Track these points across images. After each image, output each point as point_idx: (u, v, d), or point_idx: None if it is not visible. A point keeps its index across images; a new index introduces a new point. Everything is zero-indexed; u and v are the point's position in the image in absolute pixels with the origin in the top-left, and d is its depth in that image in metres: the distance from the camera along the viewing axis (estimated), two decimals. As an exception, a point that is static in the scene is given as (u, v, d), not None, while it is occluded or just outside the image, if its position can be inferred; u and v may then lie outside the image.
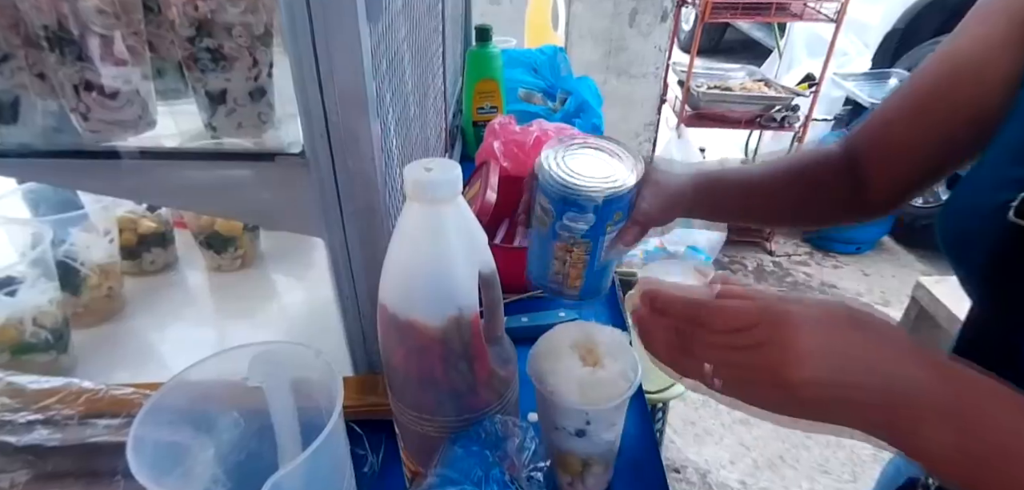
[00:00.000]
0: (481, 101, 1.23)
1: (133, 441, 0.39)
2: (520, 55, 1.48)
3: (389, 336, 0.45)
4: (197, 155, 0.56)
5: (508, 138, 1.02)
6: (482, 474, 0.42)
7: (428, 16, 0.90)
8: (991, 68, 0.53)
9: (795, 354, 0.37)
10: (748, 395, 0.41)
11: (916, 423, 0.36)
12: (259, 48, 0.54)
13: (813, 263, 2.90)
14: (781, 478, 1.88)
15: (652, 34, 2.55)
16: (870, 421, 0.38)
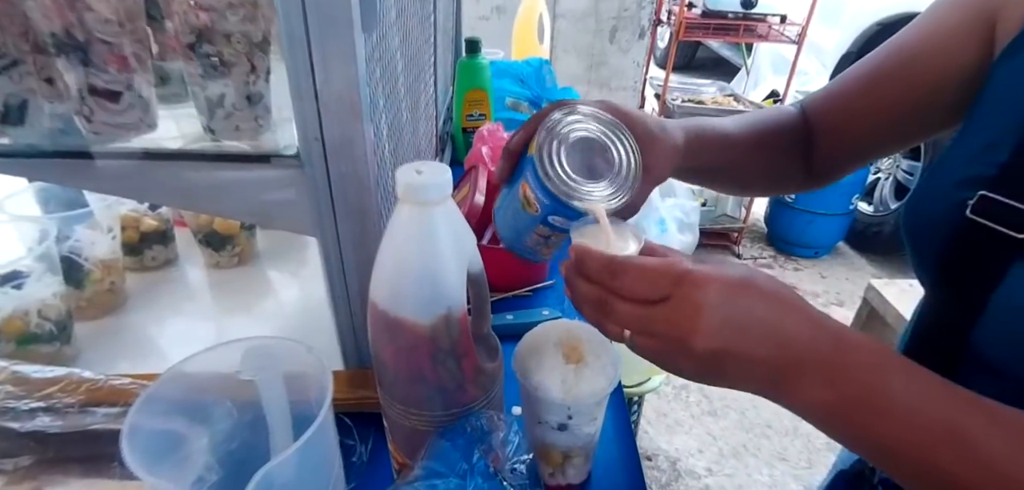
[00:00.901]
0: (470, 109, 1.22)
1: (128, 430, 0.38)
2: (508, 66, 1.47)
3: (379, 333, 0.43)
4: (195, 156, 0.54)
5: (496, 144, 1.01)
6: (467, 467, 0.40)
7: (420, 28, 0.89)
8: (944, 56, 0.53)
9: (702, 327, 0.37)
10: (660, 361, 0.40)
11: (799, 378, 0.37)
12: (257, 55, 0.53)
13: (776, 266, 2.92)
14: (744, 465, 1.89)
15: (631, 50, 2.55)
16: (761, 380, 0.38)
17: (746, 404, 2.09)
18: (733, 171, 0.67)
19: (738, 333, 0.37)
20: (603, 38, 2.52)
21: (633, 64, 2.60)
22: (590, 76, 2.60)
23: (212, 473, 0.46)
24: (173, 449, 0.43)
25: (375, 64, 0.55)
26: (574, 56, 2.55)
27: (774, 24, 2.63)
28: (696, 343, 0.37)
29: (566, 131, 0.48)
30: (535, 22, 1.58)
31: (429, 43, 0.97)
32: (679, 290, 0.37)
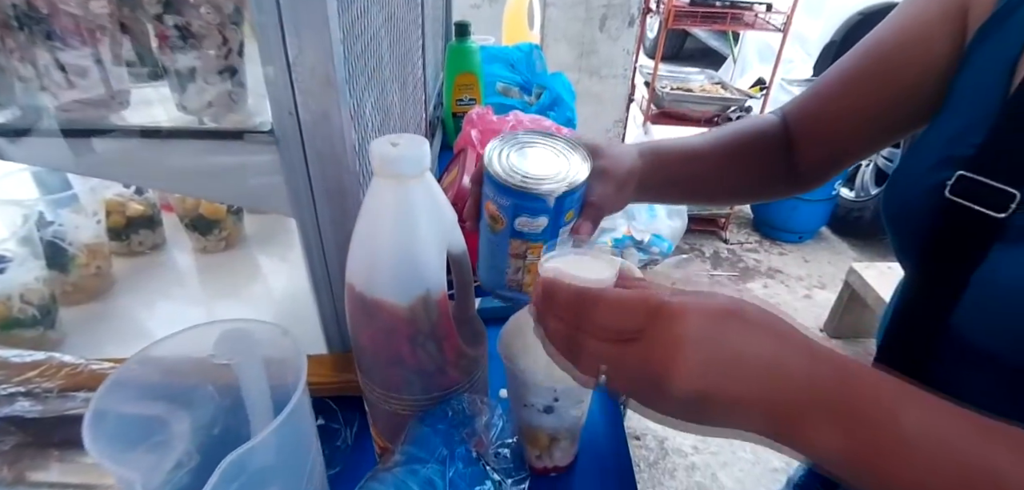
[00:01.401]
0: (460, 93, 1.18)
1: (92, 416, 0.35)
2: (498, 51, 1.43)
3: (356, 316, 0.41)
4: (166, 133, 0.50)
5: (485, 127, 0.98)
6: (447, 453, 0.38)
7: (407, 7, 0.85)
8: (922, 49, 0.52)
9: (682, 366, 0.32)
10: (639, 404, 0.35)
11: (802, 421, 0.32)
12: (229, 27, 0.49)
13: (762, 250, 2.91)
14: (729, 443, 1.87)
15: (620, 38, 2.52)
16: (757, 423, 0.33)
17: (732, 384, 2.08)
18: (703, 182, 0.65)
19: (725, 372, 0.32)
20: (593, 26, 2.47)
21: (623, 52, 2.56)
22: (580, 64, 2.57)
23: (192, 459, 0.43)
24: (149, 434, 0.41)
25: (355, 39, 0.52)
26: (565, 44, 2.51)
27: (760, 13, 2.60)
28: (675, 384, 0.32)
29: (513, 141, 0.52)
30: (525, 9, 1.55)
31: (417, 24, 0.94)
32: (654, 325, 0.33)
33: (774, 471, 1.77)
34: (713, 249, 2.90)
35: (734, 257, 2.84)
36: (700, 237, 2.97)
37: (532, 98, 1.38)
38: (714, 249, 2.90)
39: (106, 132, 0.50)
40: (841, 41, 3.49)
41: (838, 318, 2.31)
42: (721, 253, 2.86)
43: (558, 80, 1.36)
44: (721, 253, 2.86)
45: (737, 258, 2.83)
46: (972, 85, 0.48)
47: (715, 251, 2.88)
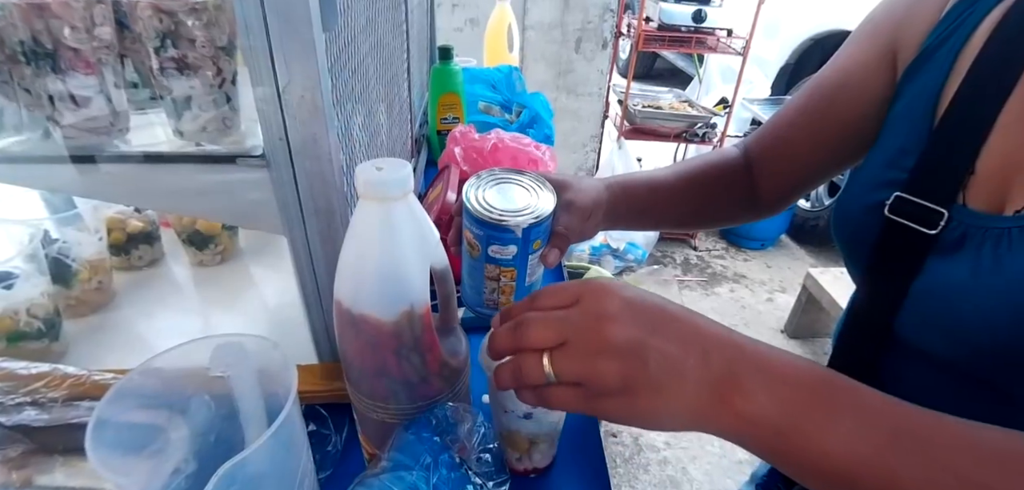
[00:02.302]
0: (444, 112, 1.18)
1: (94, 425, 0.35)
2: (480, 73, 1.43)
3: (344, 330, 0.40)
4: (163, 158, 0.50)
5: (468, 144, 0.98)
6: (431, 460, 0.38)
7: (393, 35, 0.85)
8: (861, 87, 0.54)
9: (616, 315, 0.33)
10: (584, 376, 0.34)
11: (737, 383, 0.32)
12: (222, 58, 0.49)
13: (728, 257, 2.94)
14: (698, 438, 1.89)
15: (595, 59, 2.54)
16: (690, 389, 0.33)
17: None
18: (668, 210, 0.66)
19: (653, 325, 0.33)
20: (569, 48, 2.49)
21: (597, 72, 2.58)
22: (558, 83, 2.58)
23: (189, 465, 0.43)
24: (149, 441, 0.40)
25: (342, 66, 0.52)
26: (543, 64, 2.52)
27: (722, 37, 2.64)
28: (614, 333, 0.33)
29: (489, 178, 0.56)
30: (505, 32, 1.55)
31: (403, 50, 0.94)
32: (587, 293, 0.35)
33: (739, 463, 1.79)
34: (684, 256, 2.92)
35: (703, 263, 2.87)
36: (672, 245, 2.99)
37: (512, 116, 1.38)
38: (685, 256, 2.92)
39: (110, 157, 0.49)
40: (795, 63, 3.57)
41: (797, 319, 2.35)
42: (691, 259, 2.89)
43: (537, 99, 1.37)
44: (691, 259, 2.89)
45: (705, 264, 2.86)
46: (904, 116, 0.50)
47: (685, 258, 2.91)
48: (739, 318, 2.47)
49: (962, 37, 0.46)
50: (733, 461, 1.81)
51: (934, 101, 0.47)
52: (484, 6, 2.34)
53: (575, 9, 2.42)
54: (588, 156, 2.82)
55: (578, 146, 2.78)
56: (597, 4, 2.42)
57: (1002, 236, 0.41)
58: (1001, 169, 0.43)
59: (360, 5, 0.59)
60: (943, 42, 0.47)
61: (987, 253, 0.41)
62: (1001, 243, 0.41)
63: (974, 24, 0.46)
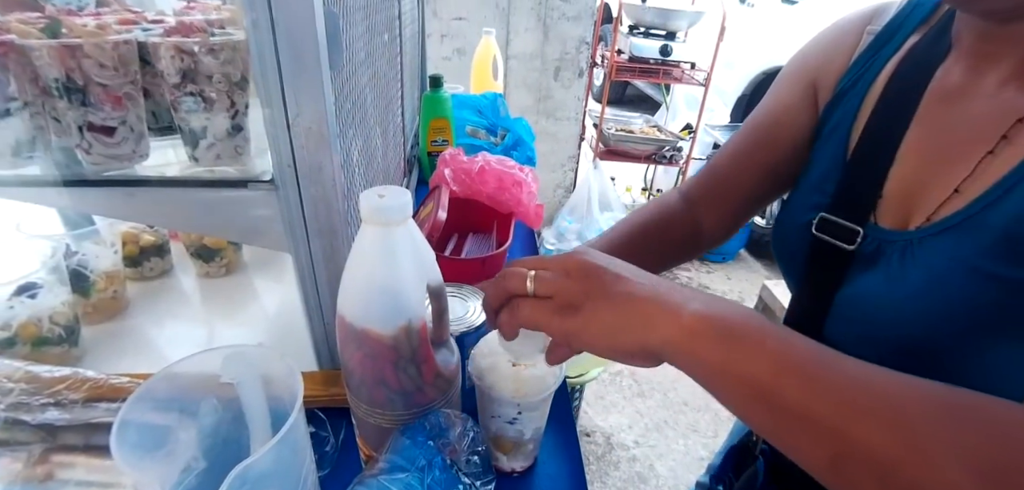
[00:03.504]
0: (434, 135, 1.19)
1: (118, 426, 0.35)
2: (467, 99, 1.44)
3: (346, 342, 0.41)
4: (180, 182, 0.51)
5: (457, 166, 0.99)
6: (425, 462, 0.38)
7: (389, 67, 0.86)
8: (788, 126, 0.58)
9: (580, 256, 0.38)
10: (551, 283, 0.37)
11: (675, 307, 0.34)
12: (236, 92, 0.50)
13: (693, 268, 2.98)
14: (664, 437, 1.91)
15: (572, 87, 2.57)
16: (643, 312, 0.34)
17: (668, 385, 2.12)
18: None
19: (612, 262, 0.37)
20: (549, 76, 2.52)
21: (574, 98, 2.62)
22: (538, 108, 2.61)
23: (198, 463, 0.43)
24: (161, 442, 0.41)
25: (345, 98, 0.52)
26: (525, 91, 2.55)
27: (686, 69, 2.70)
28: (581, 261, 0.37)
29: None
30: (490, 62, 1.57)
31: (397, 80, 0.94)
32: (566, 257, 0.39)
33: (701, 460, 1.81)
34: (651, 267, 2.96)
35: (671, 275, 2.90)
36: (640, 257, 3.02)
37: (497, 139, 1.39)
38: (652, 267, 2.96)
39: (132, 181, 0.50)
40: (751, 93, 3.74)
41: (755, 327, 2.38)
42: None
43: (520, 124, 1.38)
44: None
45: (672, 275, 2.90)
46: (824, 148, 0.53)
47: (653, 269, 2.94)
48: (702, 325, 2.51)
49: (868, 80, 0.50)
50: (695, 458, 1.83)
51: (847, 134, 0.51)
52: (471, 37, 2.36)
53: (554, 41, 2.45)
54: (566, 175, 2.85)
55: (557, 166, 2.81)
56: (573, 37, 2.45)
57: (906, 248, 0.44)
58: (903, 191, 0.46)
59: (360, 42, 0.60)
60: (854, 84, 0.51)
61: (895, 264, 0.45)
62: (906, 254, 0.44)
63: (878, 69, 0.50)
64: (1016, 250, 0.38)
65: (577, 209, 2.64)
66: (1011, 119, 0.40)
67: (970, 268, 0.40)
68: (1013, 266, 0.38)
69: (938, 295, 0.41)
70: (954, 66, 0.46)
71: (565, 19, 2.41)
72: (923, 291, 0.42)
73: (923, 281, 0.43)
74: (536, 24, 2.42)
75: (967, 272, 0.40)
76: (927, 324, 0.42)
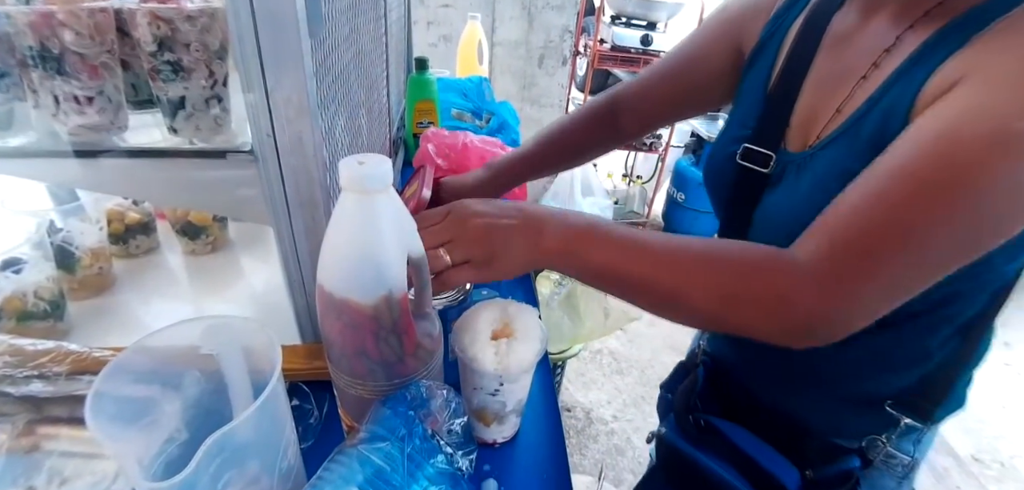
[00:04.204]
0: (420, 117, 1.16)
1: (93, 397, 0.34)
2: (453, 83, 1.42)
3: (326, 313, 0.39)
4: (159, 153, 0.48)
5: (441, 142, 0.97)
6: (406, 432, 0.37)
7: (374, 46, 0.83)
8: (708, 63, 0.65)
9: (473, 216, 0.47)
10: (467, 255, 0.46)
11: (541, 234, 0.46)
12: (215, 61, 0.48)
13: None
14: (641, 412, 1.93)
15: (556, 74, 2.55)
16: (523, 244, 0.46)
17: (645, 363, 2.14)
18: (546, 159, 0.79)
19: (499, 213, 0.47)
20: (533, 64, 2.49)
21: (558, 86, 2.59)
22: (523, 94, 2.58)
23: (181, 434, 0.42)
24: (143, 413, 0.40)
25: (326, 71, 0.50)
26: (510, 77, 2.52)
27: (667, 58, 2.69)
28: (476, 224, 0.46)
29: None
30: (475, 46, 1.54)
31: (382, 59, 0.92)
32: (454, 208, 0.48)
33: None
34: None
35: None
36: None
37: (482, 122, 1.37)
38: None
39: (110, 153, 0.48)
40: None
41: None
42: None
43: (505, 108, 1.36)
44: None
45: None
46: (748, 90, 0.60)
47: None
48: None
49: (784, 29, 0.57)
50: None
51: (767, 76, 0.57)
52: (457, 24, 2.32)
53: (538, 30, 2.42)
54: (549, 161, 2.82)
55: (540, 152, 2.78)
56: (557, 26, 2.43)
57: (802, 164, 0.51)
58: (804, 119, 0.53)
59: (343, 17, 0.57)
60: (772, 35, 0.58)
61: (792, 179, 0.52)
62: (801, 170, 0.51)
63: (793, 19, 0.57)
64: (882, 149, 0.42)
65: (560, 194, 2.63)
66: (880, 50, 0.47)
67: (845, 170, 0.44)
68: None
69: (821, 198, 0.44)
70: (849, 11, 0.53)
71: (549, 8, 2.38)
72: (809, 197, 0.48)
73: (809, 188, 0.49)
74: (521, 13, 2.38)
75: (843, 173, 0.44)
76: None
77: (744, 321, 0.42)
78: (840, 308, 0.40)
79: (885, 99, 0.45)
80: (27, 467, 0.45)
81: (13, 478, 0.45)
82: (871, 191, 0.40)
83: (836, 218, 0.41)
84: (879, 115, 0.45)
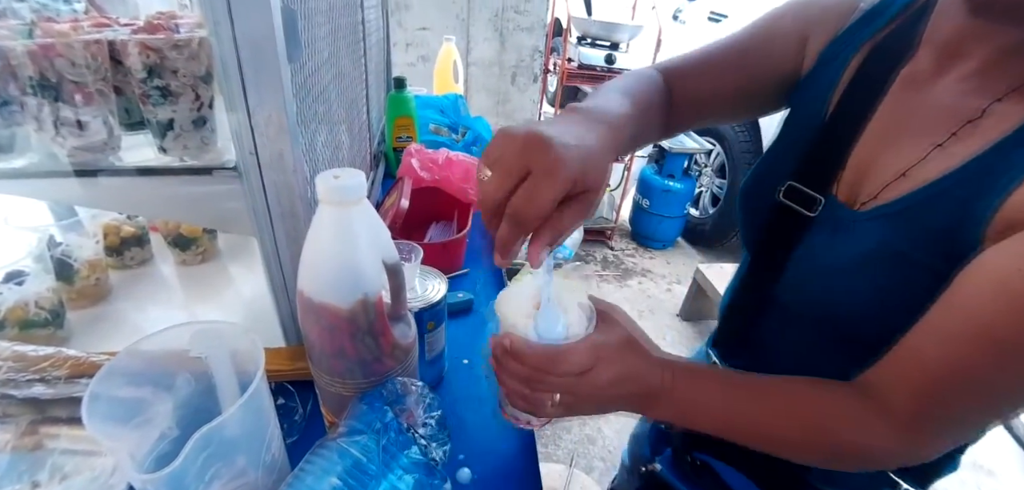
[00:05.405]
0: (400, 132, 1.17)
1: (88, 399, 0.35)
2: (430, 99, 1.43)
3: (306, 316, 0.40)
4: (150, 171, 0.49)
5: (424, 157, 0.98)
6: (381, 425, 0.38)
7: (353, 68, 0.84)
8: (769, 59, 0.54)
9: (607, 386, 0.42)
10: (575, 410, 0.44)
11: (654, 405, 0.44)
12: (201, 86, 0.49)
13: (637, 255, 3.04)
14: (614, 402, 1.95)
15: (528, 91, 2.58)
16: (633, 405, 0.45)
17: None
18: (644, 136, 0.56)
19: (622, 384, 0.42)
20: (506, 81, 2.52)
21: (530, 102, 2.63)
22: (498, 109, 2.60)
23: (172, 432, 0.42)
24: (137, 413, 0.40)
25: (307, 92, 0.51)
26: (485, 94, 2.54)
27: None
28: (603, 394, 0.42)
29: None
30: (451, 66, 1.55)
31: (361, 79, 0.92)
32: (598, 363, 0.41)
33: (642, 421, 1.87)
34: (602, 254, 3.00)
35: (618, 260, 2.96)
36: (593, 245, 3.07)
37: (458, 136, 1.39)
38: (603, 254, 3.00)
39: (106, 171, 0.49)
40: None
41: (689, 305, 2.46)
42: (608, 257, 2.98)
43: (479, 122, 1.38)
44: (608, 257, 2.98)
45: (619, 261, 2.96)
46: (800, 117, 0.52)
47: (604, 256, 2.99)
48: (645, 305, 2.57)
49: (847, 56, 0.48)
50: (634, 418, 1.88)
51: (825, 104, 0.48)
52: (434, 46, 2.33)
53: (510, 50, 2.45)
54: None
55: (515, 163, 2.79)
56: (528, 46, 2.46)
57: (851, 225, 0.45)
58: (859, 167, 0.46)
59: (323, 42, 0.58)
60: (835, 57, 0.49)
61: (837, 235, 0.45)
62: (850, 231, 0.45)
63: (858, 46, 0.48)
64: (943, 244, 0.38)
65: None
66: (964, 118, 0.39)
67: (898, 253, 0.40)
68: (939, 259, 0.38)
69: (867, 275, 0.41)
70: (924, 56, 0.44)
71: (520, 30, 2.41)
72: (855, 267, 0.43)
73: (856, 258, 0.43)
74: (494, 34, 2.41)
75: (895, 256, 0.40)
76: (854, 298, 0.43)
77: (839, 467, 0.46)
78: (922, 454, 0.40)
79: (961, 191, 0.38)
80: (31, 464, 0.46)
81: (18, 474, 0.46)
82: (951, 354, 0.36)
83: (919, 371, 0.38)
84: (952, 207, 0.38)
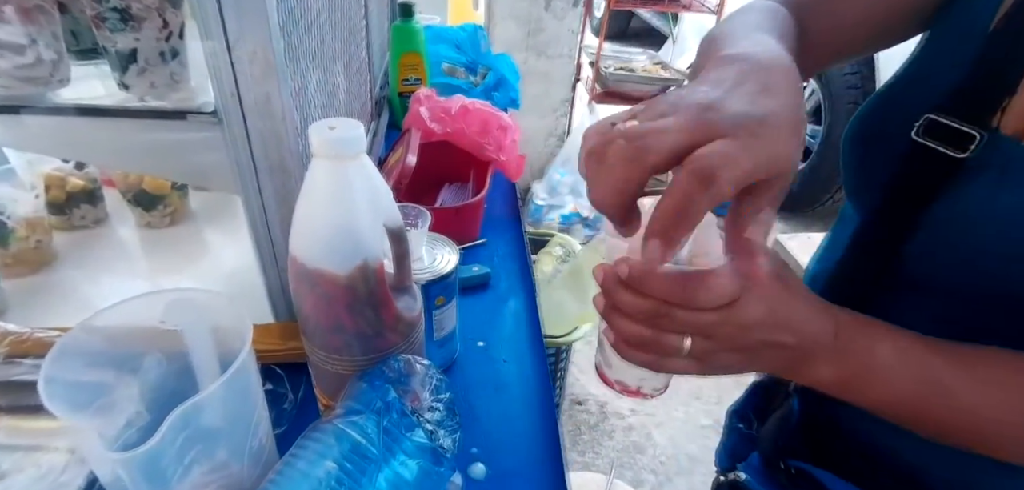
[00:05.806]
0: (406, 73, 1.19)
1: (45, 380, 0.36)
2: (443, 32, 1.44)
3: (300, 285, 0.43)
4: (109, 112, 0.51)
5: (434, 105, 1.00)
6: (382, 405, 0.41)
7: (350, -10, 0.86)
8: None
9: (752, 326, 0.40)
10: (709, 365, 0.42)
11: (810, 364, 0.42)
12: (168, 9, 0.50)
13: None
14: (663, 404, 1.97)
15: (566, 18, 2.54)
16: (778, 366, 0.44)
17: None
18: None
19: (775, 329, 0.40)
20: (539, 5, 2.48)
21: (569, 32, 2.59)
22: (528, 42, 2.58)
23: (141, 418, 0.45)
24: (96, 397, 0.42)
25: (296, 22, 0.53)
26: (512, 23, 2.51)
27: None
28: (748, 338, 0.40)
29: None
30: (470, -11, 1.55)
31: (360, 4, 0.94)
32: (747, 294, 0.39)
33: (702, 428, 1.88)
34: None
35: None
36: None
37: (477, 79, 1.40)
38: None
39: (44, 109, 0.50)
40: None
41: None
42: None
43: (503, 61, 1.38)
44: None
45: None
46: (953, 28, 0.48)
47: (655, 225, 2.96)
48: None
49: None
50: (697, 426, 1.90)
51: (990, 13, 0.45)
52: (449, -40, 2.31)
53: (545, -35, 2.41)
54: (559, 122, 2.84)
55: (548, 111, 2.79)
56: (569, -40, 2.41)
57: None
58: None
59: (313, -40, 0.60)
60: None
61: (1005, 177, 0.42)
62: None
63: None
64: None
65: (571, 160, 2.64)
66: None
67: None
68: None
69: None
70: None
71: (558, -61, 2.37)
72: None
73: None
74: (525, -55, 2.38)
75: None
76: None
77: None
78: None
79: None
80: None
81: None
82: None
83: None
84: None
